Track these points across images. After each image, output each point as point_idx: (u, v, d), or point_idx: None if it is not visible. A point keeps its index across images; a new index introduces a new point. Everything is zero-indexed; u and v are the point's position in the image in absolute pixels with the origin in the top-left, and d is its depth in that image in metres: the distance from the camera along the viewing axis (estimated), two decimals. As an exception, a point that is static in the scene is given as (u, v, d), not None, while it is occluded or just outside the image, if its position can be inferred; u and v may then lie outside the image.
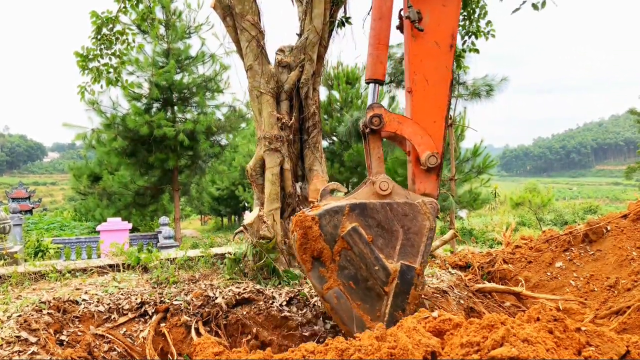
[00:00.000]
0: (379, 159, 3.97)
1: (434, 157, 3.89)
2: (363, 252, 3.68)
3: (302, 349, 2.79)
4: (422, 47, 3.95)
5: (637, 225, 6.43)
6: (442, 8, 3.95)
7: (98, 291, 4.82)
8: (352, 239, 3.67)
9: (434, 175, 4.00)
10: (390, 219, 3.75)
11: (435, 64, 3.97)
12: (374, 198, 3.83)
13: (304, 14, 6.20)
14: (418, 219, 3.78)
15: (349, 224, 3.68)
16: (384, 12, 3.94)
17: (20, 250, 11.88)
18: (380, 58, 3.95)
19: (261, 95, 5.94)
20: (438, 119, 3.98)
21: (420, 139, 3.90)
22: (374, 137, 3.95)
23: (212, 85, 22.03)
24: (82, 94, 8.08)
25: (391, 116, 3.90)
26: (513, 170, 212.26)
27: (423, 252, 3.81)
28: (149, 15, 8.56)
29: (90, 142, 21.75)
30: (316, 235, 3.64)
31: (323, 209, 3.71)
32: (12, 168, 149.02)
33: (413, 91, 3.96)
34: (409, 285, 3.73)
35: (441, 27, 3.95)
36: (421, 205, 3.79)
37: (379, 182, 3.82)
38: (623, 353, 2.60)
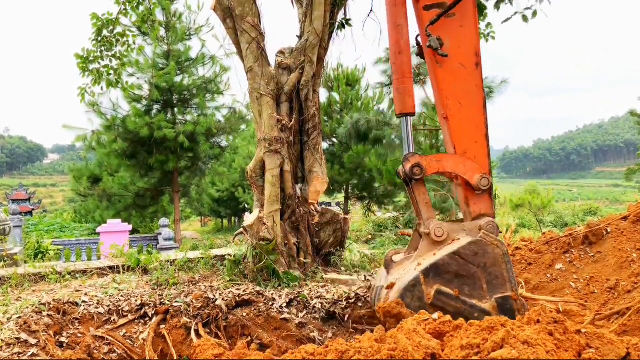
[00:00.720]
0: (426, 204, 4.02)
1: (485, 179, 3.93)
2: (457, 308, 3.69)
3: (302, 350, 2.78)
4: (449, 71, 3.97)
5: (637, 227, 6.43)
6: (460, 29, 3.95)
7: (98, 293, 4.81)
8: (441, 301, 3.68)
9: (487, 195, 4.04)
10: (463, 265, 3.76)
11: (465, 85, 3.98)
12: (434, 248, 3.85)
13: (304, 16, 6.21)
14: (489, 252, 3.79)
15: (431, 290, 3.69)
16: (402, 47, 3.96)
17: (20, 252, 11.86)
18: (408, 91, 3.98)
19: (261, 97, 5.94)
20: (479, 139, 4.00)
21: (464, 167, 3.94)
22: (418, 185, 3.99)
23: (213, 87, 22.03)
24: (82, 96, 8.09)
25: (428, 159, 3.95)
26: (513, 172, 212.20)
27: (509, 278, 3.83)
28: (150, 17, 8.58)
29: (91, 144, 21.74)
30: (407, 316, 3.60)
31: (399, 287, 3.72)
32: (12, 169, 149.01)
33: (448, 117, 3.98)
34: (511, 313, 3.72)
35: (463, 49, 3.95)
36: (484, 237, 3.80)
37: (434, 231, 3.85)
38: (623, 355, 2.60)
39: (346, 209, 25.15)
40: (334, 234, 6.33)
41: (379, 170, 21.52)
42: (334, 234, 6.33)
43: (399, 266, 4.04)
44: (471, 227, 3.94)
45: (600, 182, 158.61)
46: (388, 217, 26.51)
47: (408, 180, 4.01)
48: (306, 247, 6.06)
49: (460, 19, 3.95)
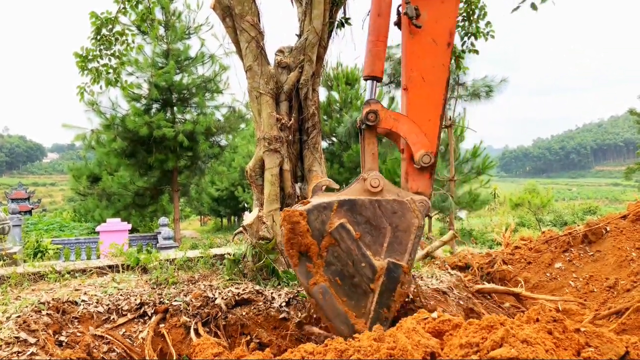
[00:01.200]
0: (372, 155, 3.95)
1: (427, 155, 3.86)
2: (350, 249, 3.67)
3: (301, 349, 2.79)
4: (419, 44, 3.91)
5: (637, 226, 6.44)
6: (440, 5, 3.91)
7: (97, 292, 4.81)
8: (339, 235, 3.65)
9: (427, 174, 3.97)
10: (378, 216, 3.73)
11: (432, 61, 3.93)
12: (365, 195, 3.80)
13: (304, 14, 6.21)
14: (407, 217, 3.76)
15: (337, 220, 3.66)
16: (382, 9, 3.90)
17: (19, 251, 11.86)
18: (379, 55, 3.92)
19: (260, 96, 5.94)
20: (433, 117, 3.95)
21: (415, 137, 3.88)
22: (370, 133, 3.92)
23: (212, 86, 22.04)
24: (81, 95, 8.08)
25: (387, 113, 3.87)
26: (512, 171, 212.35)
27: (411, 250, 3.79)
28: (149, 16, 8.56)
29: (90, 143, 21.75)
30: (303, 231, 3.61)
31: (312, 204, 3.69)
32: (12, 169, 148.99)
33: (409, 89, 3.94)
34: (395, 282, 3.72)
35: (439, 25, 3.90)
36: (410, 202, 3.77)
37: (370, 179, 3.80)
38: (622, 354, 2.60)
39: (346, 208, 25.13)
40: (333, 233, 6.32)
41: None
42: (333, 233, 6.32)
43: (323, 195, 4.01)
44: (404, 195, 3.88)
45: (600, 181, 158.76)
46: (387, 216, 26.51)
47: (362, 128, 3.94)
48: (305, 246, 6.06)
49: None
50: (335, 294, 3.68)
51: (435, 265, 7.12)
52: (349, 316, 3.68)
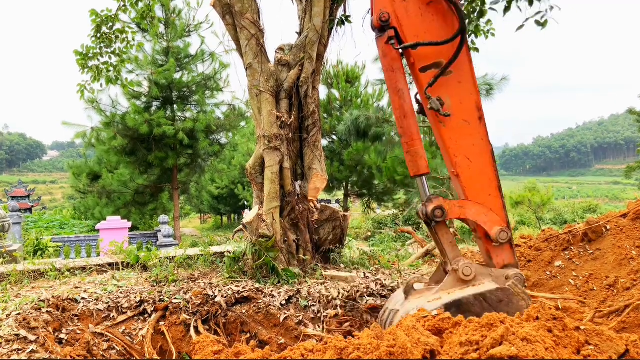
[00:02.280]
0: (451, 244, 4.00)
1: (504, 232, 3.93)
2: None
3: (301, 347, 2.79)
4: (454, 129, 3.96)
5: (637, 225, 6.43)
6: (459, 85, 3.94)
7: (97, 290, 4.81)
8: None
9: (507, 245, 4.03)
10: (486, 309, 3.70)
11: (471, 140, 3.98)
12: (459, 285, 3.84)
13: (304, 12, 6.20)
14: (514, 302, 3.77)
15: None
16: (406, 111, 3.95)
17: (19, 249, 11.86)
18: (419, 153, 3.97)
19: (261, 94, 5.93)
20: (492, 191, 4.02)
21: (485, 217, 3.95)
22: (441, 227, 3.99)
23: (212, 83, 22.01)
24: (81, 93, 8.06)
25: (451, 204, 3.95)
26: (513, 170, 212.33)
27: None
28: (149, 14, 8.54)
29: (90, 141, 21.73)
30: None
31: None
32: (12, 166, 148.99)
33: (459, 174, 3.99)
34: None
35: (464, 104, 3.95)
36: (513, 287, 3.79)
37: (462, 269, 3.84)
38: (622, 352, 2.60)
39: (346, 206, 25.16)
40: (333, 231, 6.33)
41: (378, 167, 21.52)
42: (333, 231, 6.33)
43: (418, 294, 4.01)
44: (498, 275, 3.92)
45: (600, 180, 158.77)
46: (387, 214, 26.53)
47: (429, 222, 4.01)
48: (305, 244, 6.06)
49: (458, 75, 3.93)
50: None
51: (436, 263, 7.13)
52: None
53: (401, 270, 6.17)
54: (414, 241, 11.72)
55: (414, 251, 9.56)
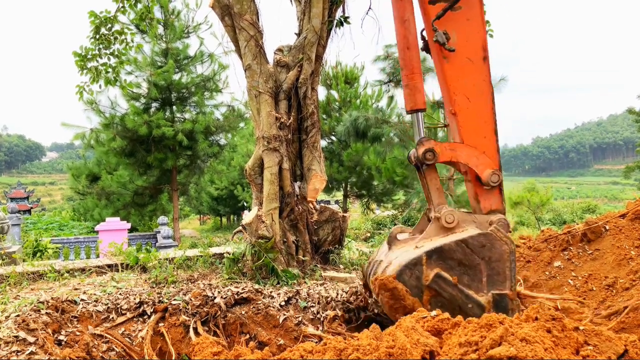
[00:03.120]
0: (438, 190, 3.99)
1: (495, 174, 3.91)
2: (453, 295, 3.68)
3: (300, 348, 2.78)
4: (456, 66, 3.91)
5: (636, 225, 6.44)
6: (467, 22, 3.88)
7: (96, 291, 4.81)
8: (438, 285, 3.66)
9: (497, 190, 4.01)
10: (468, 254, 3.73)
11: (473, 80, 3.93)
12: (442, 233, 3.83)
13: (303, 13, 6.20)
14: (496, 247, 3.76)
15: (431, 272, 3.66)
16: (410, 42, 3.90)
17: (18, 250, 11.85)
18: (417, 87, 3.93)
19: (260, 95, 5.93)
20: (488, 134, 3.98)
21: (476, 160, 3.92)
22: (430, 170, 3.97)
23: (211, 84, 22.00)
24: (80, 94, 8.07)
25: (442, 146, 3.90)
26: (512, 170, 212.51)
27: (511, 276, 3.79)
28: (148, 15, 8.55)
29: (89, 142, 21.72)
30: (403, 293, 3.62)
31: (400, 265, 3.69)
32: (11, 168, 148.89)
33: (457, 112, 3.94)
34: (505, 312, 3.68)
35: (471, 42, 3.90)
36: (495, 232, 3.77)
37: (444, 216, 3.83)
38: (621, 352, 2.60)
39: (345, 206, 25.16)
40: (332, 232, 6.33)
41: (377, 168, 21.52)
42: (332, 231, 6.33)
43: (402, 244, 4.00)
44: (482, 220, 3.91)
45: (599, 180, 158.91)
46: (387, 215, 26.52)
47: (420, 165, 3.97)
48: (305, 245, 6.06)
49: (467, 11, 3.88)
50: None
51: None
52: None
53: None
54: (413, 242, 11.69)
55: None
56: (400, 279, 3.63)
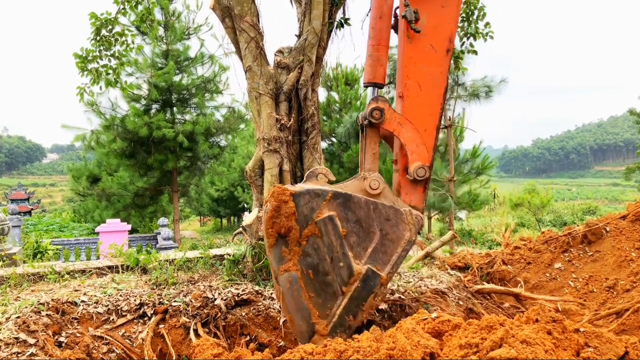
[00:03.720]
0: (374, 155, 3.80)
1: (423, 169, 3.68)
2: (332, 245, 3.48)
3: (300, 350, 2.79)
4: (417, 50, 3.73)
5: (636, 226, 6.44)
6: (441, 9, 3.72)
7: (97, 292, 4.81)
8: (325, 227, 3.46)
9: (421, 187, 3.78)
10: (371, 218, 3.55)
11: (431, 68, 3.75)
12: (361, 194, 3.61)
13: (303, 15, 6.21)
14: (399, 227, 3.58)
15: (327, 211, 3.47)
16: (384, 11, 3.71)
17: (19, 252, 11.86)
18: (380, 60, 3.72)
19: (260, 97, 5.94)
20: (429, 128, 3.77)
21: (415, 147, 3.70)
22: (372, 132, 3.76)
23: (211, 86, 22.03)
24: (81, 95, 8.07)
25: (394, 115, 3.68)
26: (512, 171, 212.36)
27: (394, 263, 3.60)
28: (148, 17, 8.56)
29: (90, 144, 21.74)
30: (289, 213, 3.40)
31: (305, 188, 3.50)
32: (11, 169, 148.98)
33: (404, 96, 3.76)
34: (369, 291, 3.53)
35: (439, 30, 3.72)
36: (407, 214, 3.59)
37: (370, 180, 3.63)
38: (622, 354, 2.60)
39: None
40: (333, 234, 6.32)
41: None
42: (333, 233, 6.32)
43: (318, 183, 3.74)
44: (402, 205, 3.69)
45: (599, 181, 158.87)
46: (387, 216, 26.50)
47: (364, 125, 3.76)
48: (305, 247, 6.05)
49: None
50: (304, 286, 3.47)
51: (435, 265, 7.13)
52: (312, 314, 3.48)
53: (401, 272, 6.17)
54: (414, 243, 11.70)
55: (413, 253, 9.56)
56: (297, 200, 3.42)
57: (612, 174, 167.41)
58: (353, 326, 3.54)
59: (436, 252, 7.98)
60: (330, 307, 3.52)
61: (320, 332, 3.43)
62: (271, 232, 3.45)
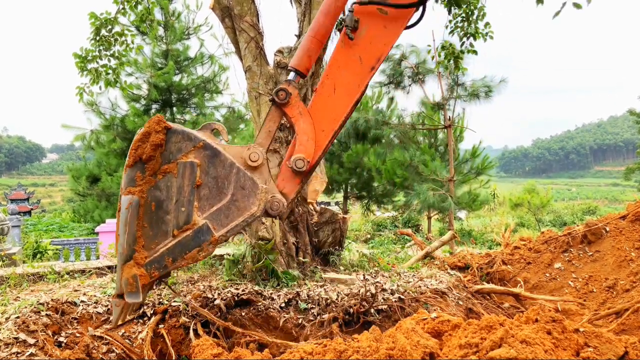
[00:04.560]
0: (268, 132, 3.82)
1: (302, 161, 3.69)
2: (183, 189, 3.56)
3: (300, 350, 2.79)
4: (347, 56, 3.80)
5: (636, 226, 6.44)
6: (382, 29, 3.78)
7: (96, 292, 4.81)
8: (184, 170, 3.55)
9: (298, 179, 3.82)
10: (229, 180, 3.62)
11: (351, 78, 3.81)
12: (239, 161, 3.68)
13: (303, 15, 6.21)
14: (249, 199, 3.63)
15: (192, 157, 3.58)
16: (331, 10, 3.77)
17: (18, 252, 11.86)
18: (309, 52, 3.79)
19: (260, 97, 5.94)
20: (327, 130, 3.83)
21: (306, 140, 3.75)
22: (275, 110, 3.79)
23: (211, 86, 22.03)
24: (80, 95, 8.08)
25: (299, 103, 3.75)
26: (512, 171, 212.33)
27: (230, 229, 3.64)
28: (148, 17, 8.57)
29: (89, 144, 21.74)
30: (156, 143, 3.50)
31: (182, 128, 3.60)
32: (11, 169, 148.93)
33: (317, 93, 3.84)
34: (197, 244, 3.59)
35: (372, 46, 3.79)
36: (262, 190, 3.63)
37: (252, 151, 3.67)
38: (621, 354, 2.60)
39: (345, 208, 25.14)
40: (332, 234, 6.33)
41: (377, 169, 21.52)
42: (332, 233, 6.33)
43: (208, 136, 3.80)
44: (272, 187, 3.74)
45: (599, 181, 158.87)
46: (387, 216, 26.55)
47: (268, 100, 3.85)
48: (305, 247, 6.06)
49: (390, 22, 3.77)
50: (142, 215, 3.55)
51: (435, 265, 7.13)
52: (138, 242, 3.55)
53: (400, 272, 6.17)
54: (414, 243, 11.72)
55: (413, 253, 9.56)
56: (169, 135, 3.54)
57: (612, 174, 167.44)
58: (168, 269, 3.61)
59: (436, 252, 7.98)
60: (157, 244, 3.59)
61: (138, 260, 3.51)
62: (133, 154, 3.54)
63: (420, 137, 20.89)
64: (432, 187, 17.84)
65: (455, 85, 17.23)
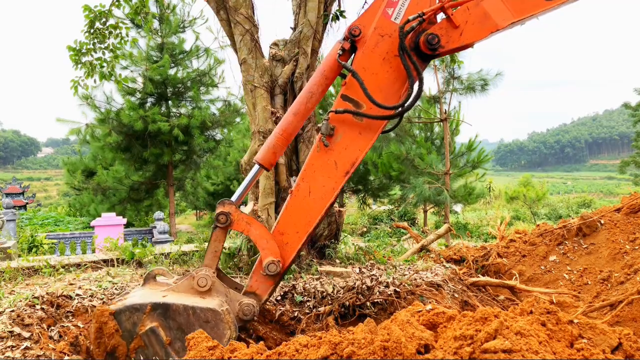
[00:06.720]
0: (214, 253, 3.89)
1: (274, 264, 3.80)
2: (158, 354, 3.63)
3: (295, 342, 2.79)
4: (322, 160, 3.86)
5: (630, 219, 6.47)
6: (357, 136, 3.85)
7: (92, 286, 4.80)
8: (148, 339, 3.61)
9: (272, 281, 3.90)
10: (191, 323, 3.65)
11: (326, 181, 3.88)
12: (192, 293, 3.78)
13: (298, 7, 6.18)
14: (219, 328, 3.67)
15: (149, 323, 3.62)
16: (301, 110, 3.88)
17: (13, 246, 11.83)
18: (275, 148, 3.90)
19: (255, 89, 5.92)
20: (301, 232, 3.92)
21: (265, 243, 3.84)
22: (219, 233, 3.88)
23: (207, 79, 21.96)
24: (75, 89, 8.03)
25: (240, 216, 3.84)
26: (508, 165, 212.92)
27: None
28: (143, 9, 8.50)
29: (85, 137, 21.66)
30: (111, 332, 3.56)
31: (124, 304, 3.63)
32: (6, 163, 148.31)
33: (293, 195, 3.91)
34: None
35: (347, 152, 3.86)
36: (224, 314, 3.68)
37: (198, 278, 3.77)
38: (615, 345, 2.61)
39: (341, 201, 25.17)
40: (328, 227, 6.33)
41: (374, 163, 21.54)
42: (328, 226, 6.33)
43: (155, 286, 3.96)
44: (234, 298, 3.83)
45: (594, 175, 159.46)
46: (383, 209, 26.58)
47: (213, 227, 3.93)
48: (301, 240, 6.06)
49: (364, 128, 3.83)
50: None
51: (430, 258, 7.14)
52: None
53: (396, 265, 6.18)
54: (410, 236, 11.74)
55: (409, 246, 9.58)
56: (118, 318, 3.59)
57: (607, 167, 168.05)
58: None
59: (432, 245, 8.00)
60: None
61: None
62: (98, 352, 3.59)
63: (417, 131, 20.90)
64: (428, 181, 17.87)
65: (451, 78, 17.22)
